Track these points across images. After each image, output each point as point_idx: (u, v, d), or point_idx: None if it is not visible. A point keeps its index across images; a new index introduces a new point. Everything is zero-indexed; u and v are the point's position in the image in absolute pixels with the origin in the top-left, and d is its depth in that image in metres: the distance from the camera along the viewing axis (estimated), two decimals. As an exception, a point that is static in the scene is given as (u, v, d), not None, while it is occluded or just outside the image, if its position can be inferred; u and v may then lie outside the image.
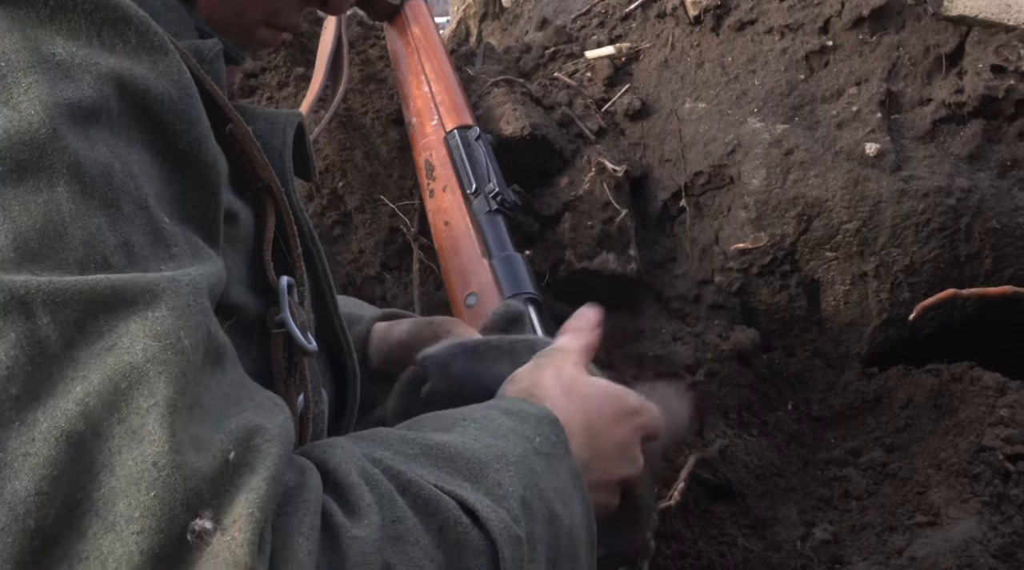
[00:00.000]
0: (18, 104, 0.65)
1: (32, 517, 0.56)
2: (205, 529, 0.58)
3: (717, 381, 1.92)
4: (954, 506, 1.70)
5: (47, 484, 0.57)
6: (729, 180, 2.09)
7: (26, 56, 0.66)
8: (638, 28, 2.41)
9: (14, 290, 0.60)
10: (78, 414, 0.58)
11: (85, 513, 0.57)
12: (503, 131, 1.99)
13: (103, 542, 0.56)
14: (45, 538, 0.56)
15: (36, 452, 0.57)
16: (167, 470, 0.58)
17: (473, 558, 0.73)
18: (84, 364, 0.60)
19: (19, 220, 0.62)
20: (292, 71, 2.10)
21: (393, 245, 1.97)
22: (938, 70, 2.14)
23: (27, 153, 0.64)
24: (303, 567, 0.62)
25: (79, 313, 0.61)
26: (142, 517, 0.57)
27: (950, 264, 2.03)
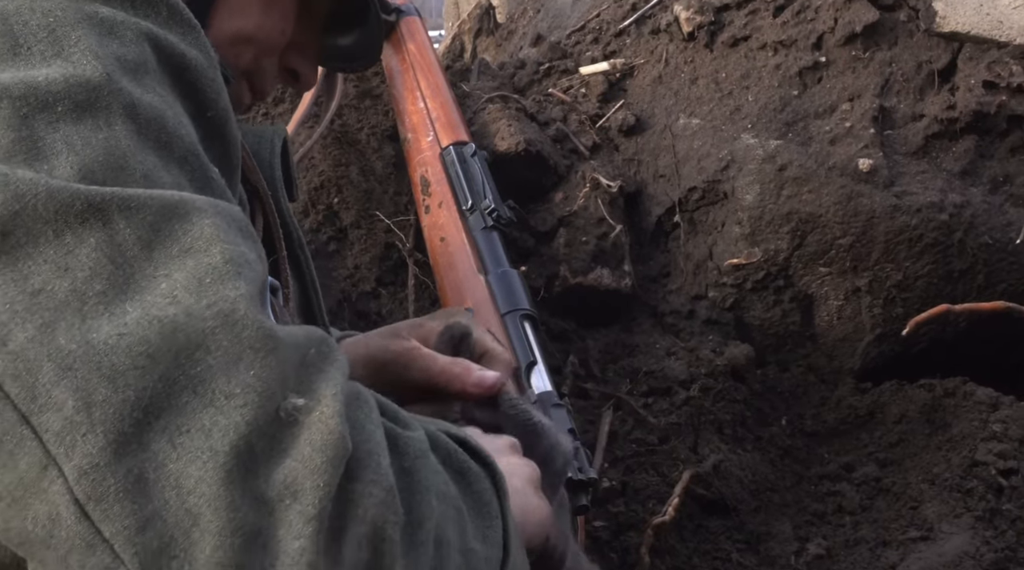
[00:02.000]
0: (70, 55, 0.68)
1: (132, 389, 0.58)
2: (297, 406, 0.61)
3: (711, 396, 1.92)
4: (947, 521, 1.71)
5: (144, 360, 0.59)
6: (723, 196, 2.10)
7: (72, 13, 0.69)
8: (632, 44, 2.41)
9: (90, 198, 0.62)
10: (167, 303, 0.61)
11: (183, 389, 0.59)
12: (498, 147, 2.00)
13: (204, 416, 0.59)
14: (146, 411, 0.58)
15: (130, 332, 0.59)
16: (263, 352, 0.61)
17: (478, 482, 0.76)
18: (165, 264, 0.63)
19: (83, 153, 0.64)
20: (287, 88, 2.10)
21: (388, 261, 1.97)
22: (930, 86, 2.16)
23: (84, 94, 0.66)
24: (380, 446, 0.65)
25: (154, 217, 0.64)
26: (243, 393, 0.60)
27: (943, 279, 2.04)
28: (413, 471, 0.68)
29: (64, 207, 0.62)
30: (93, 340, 0.59)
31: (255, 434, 0.59)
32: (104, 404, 0.58)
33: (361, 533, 0.61)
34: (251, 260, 0.67)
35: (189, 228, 0.65)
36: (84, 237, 0.62)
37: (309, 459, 0.60)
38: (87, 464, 0.57)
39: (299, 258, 1.00)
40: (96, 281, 0.61)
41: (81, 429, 0.57)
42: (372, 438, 0.65)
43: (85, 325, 0.60)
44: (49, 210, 0.62)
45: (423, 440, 0.71)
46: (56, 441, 0.57)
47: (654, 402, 1.90)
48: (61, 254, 0.61)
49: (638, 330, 2.07)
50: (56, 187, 0.62)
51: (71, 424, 0.57)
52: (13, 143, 0.64)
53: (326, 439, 0.61)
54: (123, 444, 0.57)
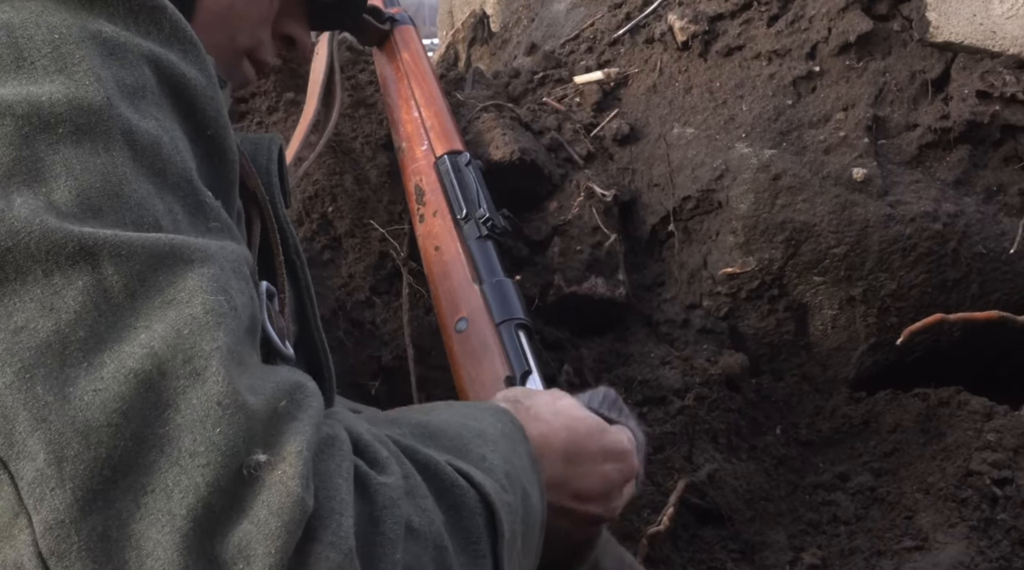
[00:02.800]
0: (73, 73, 0.68)
1: (104, 447, 0.59)
2: (259, 463, 0.62)
3: (706, 405, 1.92)
4: (942, 530, 1.71)
5: (117, 417, 0.59)
6: (717, 205, 2.10)
7: (76, 31, 0.70)
8: (626, 53, 2.42)
9: (83, 241, 0.63)
10: (144, 355, 0.62)
11: (151, 448, 0.60)
12: (492, 156, 2.00)
13: (168, 475, 0.59)
14: (114, 469, 0.59)
15: (106, 388, 0.60)
16: (231, 409, 0.62)
17: (470, 518, 0.76)
18: (147, 315, 0.64)
19: (81, 178, 0.65)
20: (282, 96, 2.10)
21: (383, 270, 1.97)
22: (924, 96, 2.16)
23: (86, 118, 0.67)
24: (344, 505, 0.65)
25: (141, 266, 0.65)
26: (207, 451, 0.60)
27: (937, 289, 2.05)
28: (380, 521, 0.68)
29: (56, 247, 0.63)
30: (69, 394, 0.60)
31: (215, 494, 0.60)
32: (75, 460, 0.58)
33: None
34: (238, 305, 0.68)
35: (174, 279, 0.66)
36: (72, 279, 0.63)
37: (265, 523, 0.60)
38: (53, 519, 0.57)
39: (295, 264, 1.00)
40: (79, 327, 0.62)
41: (51, 483, 0.58)
42: (337, 494, 0.65)
43: (63, 375, 0.60)
44: (41, 249, 0.62)
45: (396, 487, 0.71)
46: (28, 491, 0.58)
47: (648, 411, 1.90)
48: (48, 294, 0.62)
49: (632, 339, 2.07)
50: (50, 227, 0.63)
51: (42, 476, 0.58)
52: (14, 163, 0.64)
53: (283, 502, 0.61)
54: (90, 501, 0.58)
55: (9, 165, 0.64)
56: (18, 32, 0.69)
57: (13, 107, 0.65)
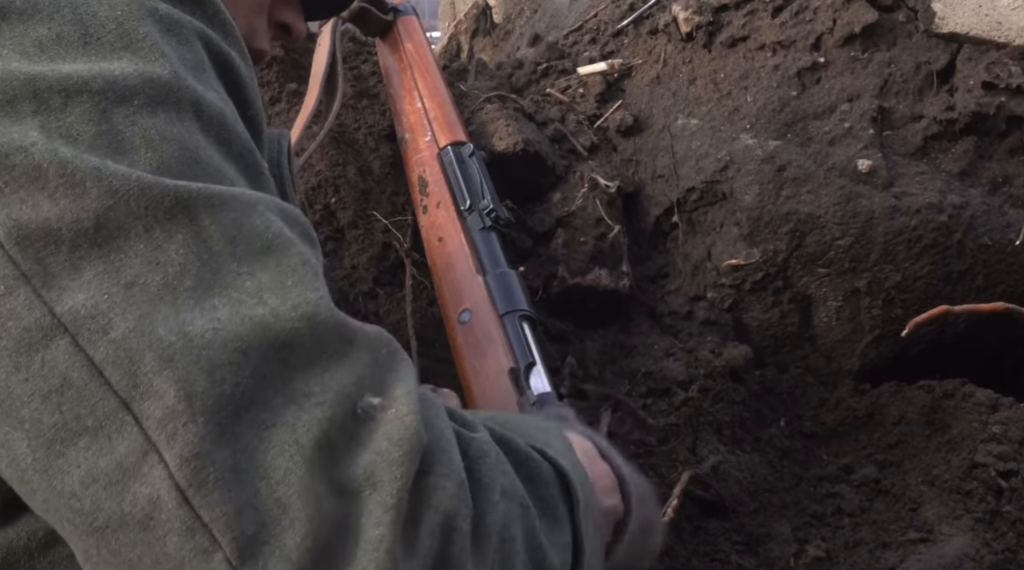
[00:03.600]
0: (139, 50, 0.70)
1: (228, 384, 0.62)
2: (373, 405, 0.66)
3: (710, 397, 1.91)
4: (947, 523, 1.70)
5: (238, 355, 0.63)
6: (722, 196, 2.09)
7: (136, 8, 0.72)
8: (630, 44, 2.41)
9: (179, 194, 0.66)
10: (255, 302, 0.65)
11: (269, 386, 0.63)
12: (496, 147, 1.99)
13: (287, 412, 0.63)
14: (238, 404, 0.62)
15: (224, 328, 0.63)
16: (339, 355, 0.66)
17: (546, 487, 0.81)
18: (248, 262, 0.67)
19: (160, 148, 0.68)
20: (284, 87, 2.09)
21: (386, 261, 1.96)
22: (929, 87, 2.15)
23: (157, 90, 0.69)
24: (451, 444, 0.71)
25: (236, 215, 0.68)
26: (322, 392, 0.64)
27: (942, 280, 2.04)
28: (474, 470, 0.72)
29: (154, 203, 0.65)
30: (190, 333, 0.62)
31: (334, 429, 0.63)
32: (204, 396, 0.61)
33: (435, 523, 0.66)
34: (320, 258, 0.73)
35: (268, 226, 0.69)
36: (172, 233, 0.65)
37: (387, 453, 0.64)
38: (189, 452, 0.60)
39: None
40: (186, 277, 0.64)
41: (183, 418, 0.60)
42: (443, 436, 0.70)
43: (180, 318, 0.63)
44: (140, 205, 0.64)
45: (486, 441, 0.76)
46: (158, 428, 0.60)
47: (652, 403, 1.89)
48: (151, 249, 0.64)
49: (636, 331, 2.06)
50: (147, 183, 0.65)
51: (173, 413, 0.60)
52: (95, 137, 0.66)
53: (402, 434, 0.65)
54: (220, 434, 0.61)
55: (90, 140, 0.66)
56: (82, 9, 0.70)
57: (89, 83, 0.67)
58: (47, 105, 0.66)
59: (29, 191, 0.63)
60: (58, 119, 0.65)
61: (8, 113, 0.65)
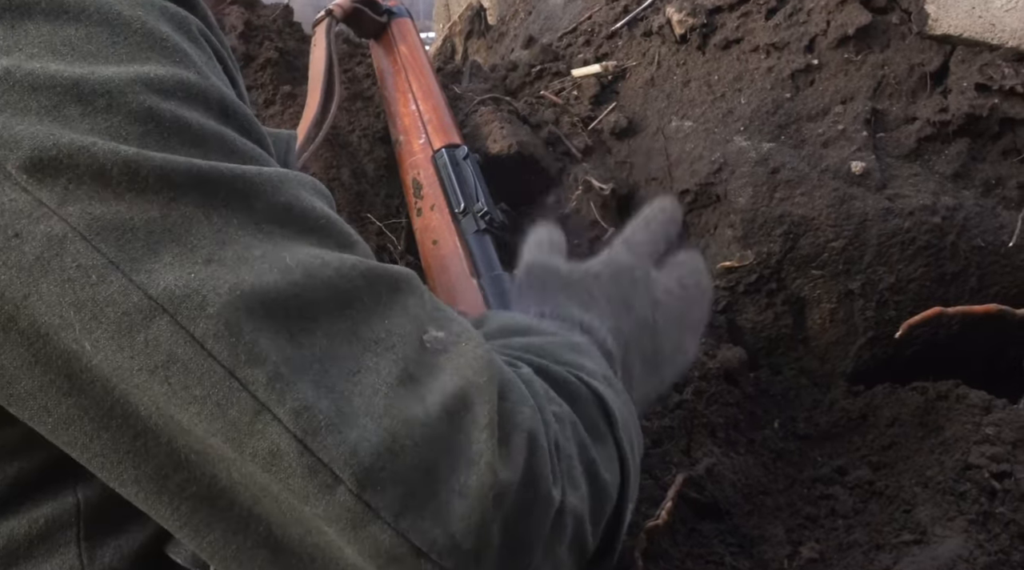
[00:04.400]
0: (164, 50, 0.75)
1: (307, 347, 0.69)
2: (438, 337, 0.75)
3: (704, 399, 1.91)
4: (940, 524, 1.70)
5: (310, 323, 0.70)
6: (715, 198, 2.09)
7: (151, 9, 0.76)
8: (624, 46, 2.41)
9: (233, 183, 0.72)
10: (319, 264, 0.72)
11: (344, 341, 0.71)
12: (490, 149, 1.99)
13: (365, 359, 0.71)
14: (322, 361, 0.69)
15: (301, 294, 0.70)
16: (392, 300, 0.74)
17: (586, 407, 0.89)
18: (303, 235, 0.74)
19: (203, 143, 0.73)
20: (279, 89, 2.09)
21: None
22: (923, 89, 2.15)
23: (187, 89, 0.74)
24: (512, 376, 0.79)
25: (284, 197, 0.74)
26: (388, 336, 0.72)
27: (936, 282, 2.04)
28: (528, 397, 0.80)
29: (211, 191, 0.71)
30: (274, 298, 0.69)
31: (411, 364, 0.71)
32: (298, 359, 0.68)
33: (522, 440, 0.74)
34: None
35: (314, 206, 0.76)
36: (229, 218, 0.71)
37: (473, 378, 0.73)
38: (299, 406, 0.67)
39: None
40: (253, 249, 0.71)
41: (287, 379, 0.67)
42: (503, 369, 0.78)
43: (261, 282, 0.69)
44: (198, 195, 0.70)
45: (529, 373, 0.84)
46: (266, 390, 0.67)
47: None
48: (215, 231, 0.70)
49: (630, 333, 2.06)
50: (203, 173, 0.70)
51: (277, 375, 0.67)
52: (143, 135, 0.70)
53: (480, 364, 0.74)
54: (318, 387, 0.68)
55: (140, 137, 0.70)
56: (106, 10, 0.73)
57: (130, 84, 0.71)
58: (92, 107, 0.69)
59: (95, 188, 0.67)
60: (106, 120, 0.69)
61: (57, 117, 0.68)
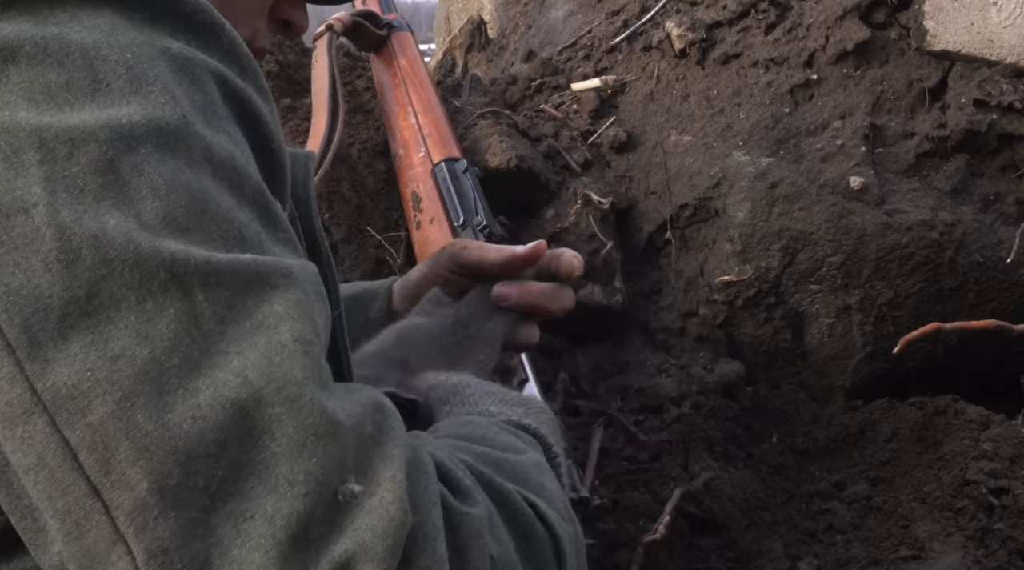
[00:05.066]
0: (149, 94, 0.69)
1: (202, 476, 0.60)
2: (354, 491, 0.63)
3: (702, 414, 1.92)
4: (938, 540, 1.70)
5: (215, 447, 0.61)
6: (714, 213, 2.10)
7: (147, 50, 0.70)
8: (624, 61, 2.42)
9: (174, 268, 0.64)
10: (239, 385, 0.63)
11: (249, 475, 0.61)
12: (489, 163, 1.99)
13: (267, 502, 0.61)
14: (213, 497, 0.60)
15: (203, 416, 0.61)
16: (325, 438, 0.63)
17: (538, 547, 0.78)
18: (237, 340, 0.64)
19: (167, 198, 0.66)
20: (279, 103, 2.10)
21: (379, 276, 1.96)
22: (921, 104, 2.16)
23: (165, 137, 0.68)
24: (437, 530, 0.67)
25: (230, 292, 0.66)
26: (305, 480, 0.62)
27: (934, 297, 2.04)
28: (466, 550, 0.70)
29: (148, 275, 0.63)
30: (169, 421, 0.61)
31: (314, 520, 0.62)
32: (177, 489, 0.60)
33: None
34: (320, 329, 0.69)
35: (261, 304, 0.67)
36: (164, 307, 0.63)
37: (370, 546, 0.62)
38: (156, 547, 0.59)
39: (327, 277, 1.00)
40: (174, 354, 0.63)
41: (153, 512, 0.59)
42: (429, 519, 0.67)
43: (161, 402, 0.61)
44: (135, 277, 0.63)
45: (479, 517, 0.72)
46: (127, 520, 0.60)
47: (645, 419, 1.89)
48: (142, 321, 0.63)
49: (629, 347, 2.06)
50: (144, 254, 0.63)
51: (144, 505, 0.59)
52: (101, 188, 0.65)
53: (386, 526, 0.63)
54: (192, 529, 0.60)
55: (97, 190, 0.65)
56: (92, 54, 0.69)
57: (96, 133, 0.66)
58: (52, 155, 0.65)
59: (24, 254, 0.63)
60: (64, 169, 0.65)
61: (13, 164, 0.64)
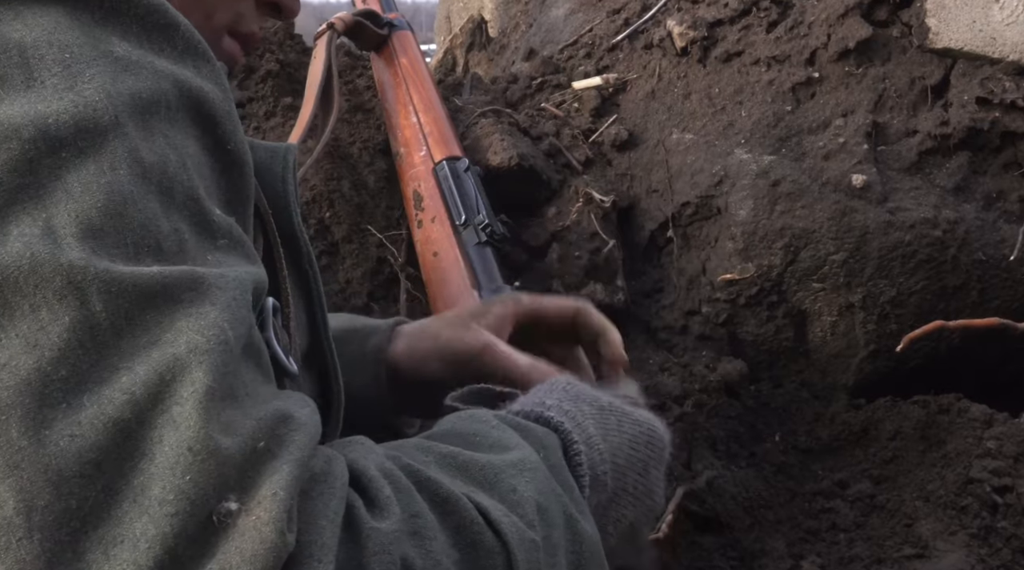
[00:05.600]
0: (82, 91, 0.67)
1: (74, 498, 0.57)
2: (230, 511, 0.60)
3: (705, 412, 1.91)
4: (942, 538, 1.70)
5: (91, 468, 0.58)
6: (716, 211, 2.09)
7: (88, 50, 0.69)
8: (625, 59, 2.41)
9: (72, 275, 0.62)
10: (124, 403, 0.60)
11: (124, 499, 0.58)
12: (490, 161, 1.99)
13: (137, 525, 0.58)
14: (84, 520, 0.57)
15: (83, 435, 0.58)
16: (202, 455, 0.60)
17: (487, 558, 0.74)
18: (130, 355, 0.62)
19: (81, 200, 0.64)
20: (279, 101, 2.10)
21: (380, 275, 1.96)
22: (924, 102, 2.15)
23: (91, 138, 0.66)
24: (327, 550, 0.63)
25: (130, 304, 0.63)
26: (176, 500, 0.58)
27: (937, 296, 2.04)
28: (367, 566, 0.66)
29: (44, 281, 0.61)
30: (45, 438, 0.58)
31: (182, 543, 0.58)
32: (45, 510, 0.57)
33: None
34: (230, 338, 0.66)
35: (161, 319, 0.64)
36: (59, 314, 0.61)
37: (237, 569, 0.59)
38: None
39: (307, 274, 0.99)
40: (62, 365, 0.60)
41: (18, 533, 0.56)
42: (319, 537, 0.64)
43: (40, 416, 0.58)
44: (29, 284, 0.61)
45: (391, 531, 0.68)
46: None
47: (647, 418, 1.89)
48: (34, 329, 0.60)
49: (631, 345, 2.06)
50: (40, 260, 0.61)
51: (10, 525, 0.57)
52: (17, 189, 0.63)
53: (256, 549, 0.59)
54: (58, 553, 0.57)
55: (12, 190, 0.63)
56: (30, 51, 0.68)
57: (20, 130, 0.65)
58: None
59: None
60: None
61: None
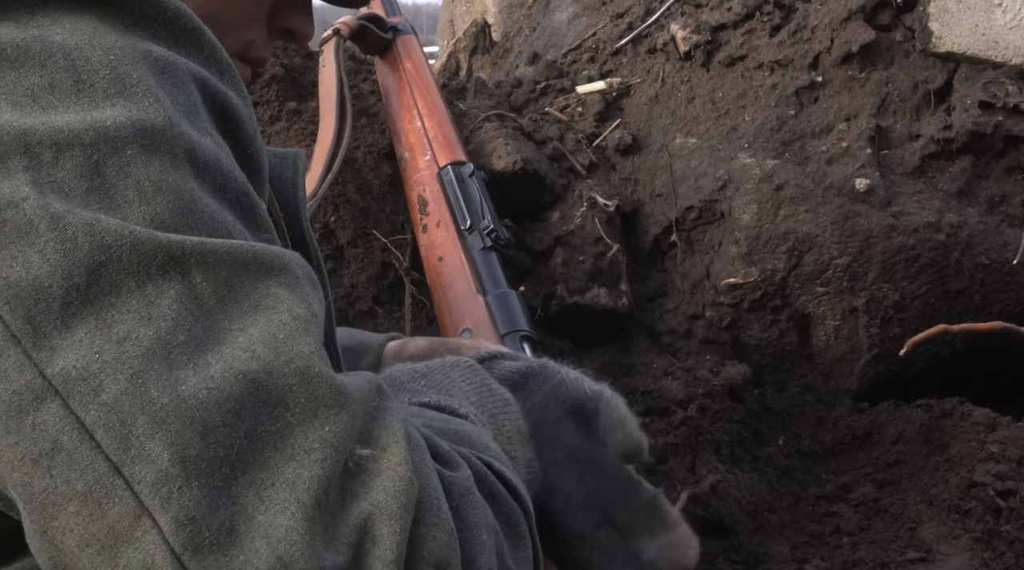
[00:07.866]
0: (133, 95, 0.69)
1: (221, 446, 0.61)
2: (363, 456, 0.66)
3: (708, 416, 1.91)
4: (945, 542, 1.70)
5: (232, 417, 0.61)
6: (720, 215, 2.10)
7: (130, 52, 0.70)
8: (628, 63, 2.42)
9: (171, 250, 0.64)
10: (249, 357, 0.64)
11: (267, 445, 0.62)
12: (495, 165, 1.99)
13: (287, 470, 0.62)
14: (232, 466, 0.61)
15: (218, 387, 0.62)
16: (335, 408, 0.65)
17: (507, 504, 0.79)
18: (239, 318, 0.66)
19: (153, 200, 0.66)
20: (284, 106, 2.10)
21: (385, 280, 1.97)
22: (927, 106, 2.16)
23: (150, 138, 0.68)
24: (439, 491, 0.69)
25: (228, 272, 0.66)
26: (321, 447, 0.63)
27: (940, 299, 2.04)
28: (460, 510, 0.71)
29: (147, 258, 0.64)
30: (183, 393, 0.61)
31: (332, 485, 0.63)
32: (198, 459, 0.60)
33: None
34: (316, 311, 0.70)
35: (258, 285, 0.68)
36: (164, 289, 0.64)
37: (385, 505, 0.64)
38: (184, 516, 0.59)
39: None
40: (179, 332, 0.63)
41: (177, 482, 0.60)
42: (430, 482, 0.69)
43: (173, 376, 0.62)
44: (132, 261, 0.64)
45: (467, 478, 0.74)
46: (152, 492, 0.60)
47: (651, 422, 1.89)
48: (144, 304, 0.63)
49: (635, 350, 2.06)
50: (140, 238, 0.64)
51: (167, 477, 0.60)
52: (87, 193, 0.65)
53: (398, 486, 0.65)
54: (216, 497, 0.60)
55: (83, 194, 0.65)
56: (75, 55, 0.69)
57: (80, 136, 0.66)
58: (38, 160, 0.65)
59: (20, 247, 0.63)
60: (49, 174, 0.65)
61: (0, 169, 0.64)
